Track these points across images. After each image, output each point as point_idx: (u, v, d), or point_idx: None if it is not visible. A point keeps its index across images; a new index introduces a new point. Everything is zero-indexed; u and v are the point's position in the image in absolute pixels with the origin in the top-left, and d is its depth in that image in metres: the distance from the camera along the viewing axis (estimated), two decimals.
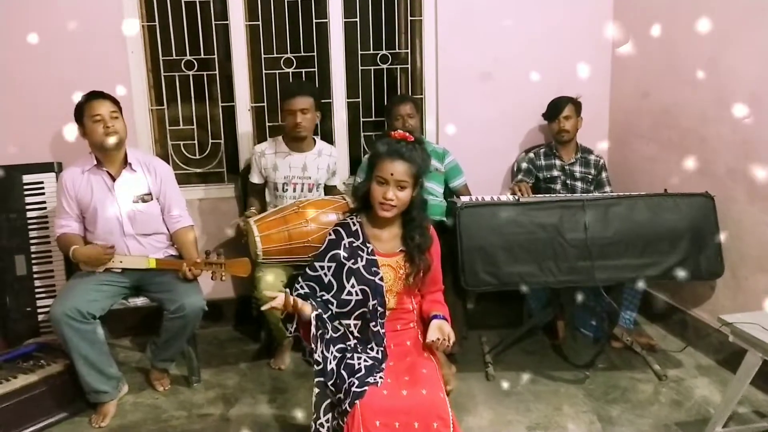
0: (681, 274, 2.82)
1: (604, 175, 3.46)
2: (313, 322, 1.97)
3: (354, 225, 2.13)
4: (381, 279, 2.07)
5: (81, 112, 2.72)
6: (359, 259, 2.07)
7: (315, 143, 3.25)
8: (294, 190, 3.19)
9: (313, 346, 1.98)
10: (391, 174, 1.99)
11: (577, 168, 3.42)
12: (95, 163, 2.77)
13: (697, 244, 2.85)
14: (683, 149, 3.23)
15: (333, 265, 2.07)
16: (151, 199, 2.84)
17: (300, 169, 3.19)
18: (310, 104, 3.08)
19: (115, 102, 2.78)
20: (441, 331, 2.02)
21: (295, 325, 2.03)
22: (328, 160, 3.26)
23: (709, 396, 2.79)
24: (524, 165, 3.48)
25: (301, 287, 2.07)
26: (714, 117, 3.02)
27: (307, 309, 1.98)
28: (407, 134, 2.06)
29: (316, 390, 1.99)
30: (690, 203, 2.88)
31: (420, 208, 2.12)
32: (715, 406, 2.61)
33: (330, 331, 2.02)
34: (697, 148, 3.14)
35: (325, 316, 2.02)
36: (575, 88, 3.45)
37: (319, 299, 2.06)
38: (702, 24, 3.03)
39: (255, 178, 3.25)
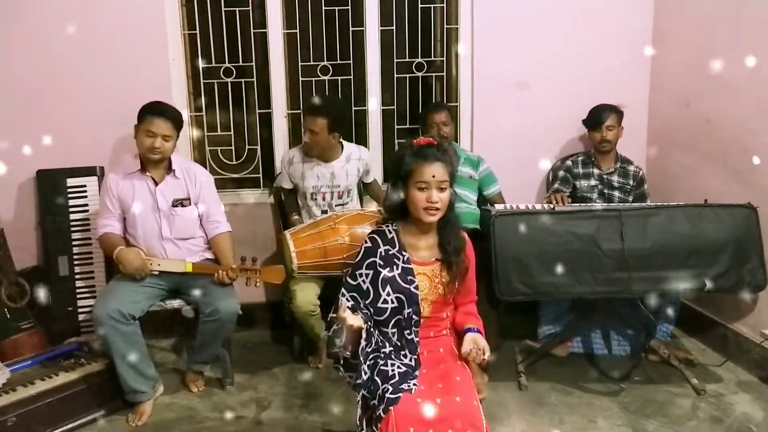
0: (722, 286, 2.76)
1: (644, 187, 3.39)
2: (364, 335, 1.98)
3: (390, 233, 2.12)
4: (416, 287, 2.07)
5: (141, 117, 2.77)
6: (395, 267, 2.07)
7: (342, 149, 3.22)
8: (323, 199, 3.21)
9: (361, 358, 1.98)
10: (433, 176, 1.99)
11: (615, 178, 3.36)
12: (139, 167, 2.84)
13: (739, 257, 2.78)
14: (724, 159, 3.16)
15: (371, 272, 2.08)
16: (190, 204, 2.89)
17: (328, 179, 3.19)
18: (321, 126, 3.02)
19: (175, 125, 2.79)
20: (475, 343, 2.01)
21: (343, 340, 2.04)
22: (357, 164, 3.24)
23: (750, 413, 2.71)
24: (561, 173, 3.41)
25: (348, 299, 2.07)
26: (756, 126, 2.95)
27: (361, 323, 1.97)
28: (430, 139, 2.07)
29: (360, 403, 1.99)
30: (732, 214, 2.81)
31: (453, 209, 2.13)
32: (757, 424, 2.54)
33: (372, 343, 2.02)
34: (739, 158, 3.07)
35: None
36: (613, 97, 3.39)
37: (363, 309, 2.07)
38: (744, 32, 2.98)
39: (285, 183, 3.28)
